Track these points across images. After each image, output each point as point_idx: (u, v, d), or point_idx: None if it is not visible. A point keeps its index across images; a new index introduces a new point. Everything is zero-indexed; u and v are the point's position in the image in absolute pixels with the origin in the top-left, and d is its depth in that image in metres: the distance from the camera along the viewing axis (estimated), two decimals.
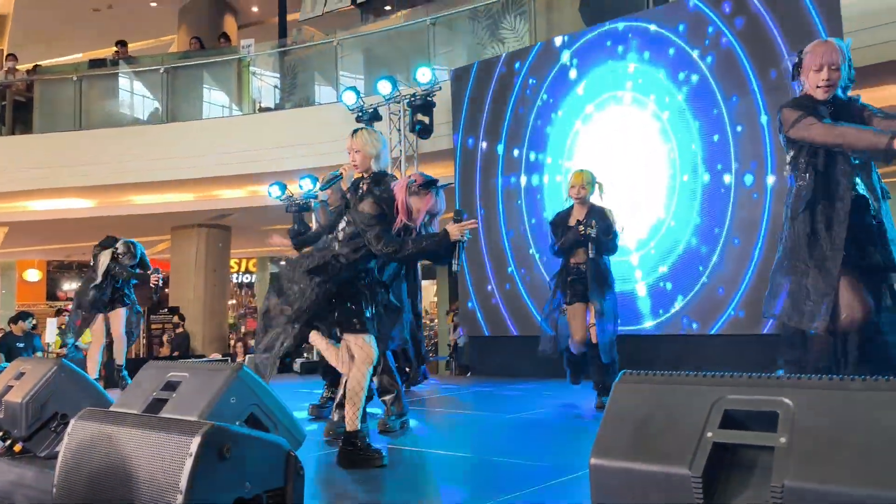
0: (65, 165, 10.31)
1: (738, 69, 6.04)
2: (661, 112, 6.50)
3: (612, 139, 6.80)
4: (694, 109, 6.28)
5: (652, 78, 6.57)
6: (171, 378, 2.62)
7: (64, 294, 18.86)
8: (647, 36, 6.62)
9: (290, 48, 11.35)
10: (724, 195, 6.02)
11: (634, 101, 6.70)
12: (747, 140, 5.94)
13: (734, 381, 1.48)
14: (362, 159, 3.70)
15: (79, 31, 14.49)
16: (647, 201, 6.52)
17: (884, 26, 6.03)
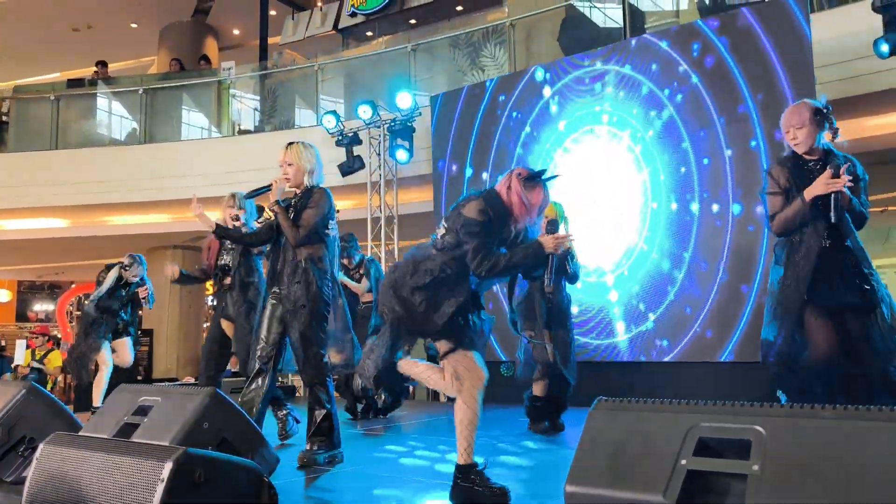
0: (39, 184, 10.20)
1: (704, 107, 6.16)
2: (634, 145, 6.58)
3: (589, 169, 6.85)
4: (664, 143, 6.37)
5: (626, 114, 6.67)
6: (143, 402, 2.58)
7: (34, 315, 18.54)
8: (623, 76, 6.71)
9: (270, 71, 11.39)
10: (690, 222, 6.09)
11: (610, 135, 6.78)
12: (712, 172, 6.03)
13: (708, 409, 1.50)
14: (295, 172, 3.65)
15: (58, 51, 14.43)
16: (622, 227, 6.58)
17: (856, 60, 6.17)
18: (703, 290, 5.95)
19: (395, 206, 8.91)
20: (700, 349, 5.93)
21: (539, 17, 8.73)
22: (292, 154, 3.67)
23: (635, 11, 7.98)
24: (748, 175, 5.84)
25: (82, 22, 13.96)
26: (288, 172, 3.66)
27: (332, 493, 3.16)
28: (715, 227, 5.99)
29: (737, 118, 5.96)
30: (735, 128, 5.97)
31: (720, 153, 6.04)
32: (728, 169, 6.00)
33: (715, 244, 5.94)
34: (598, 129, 6.83)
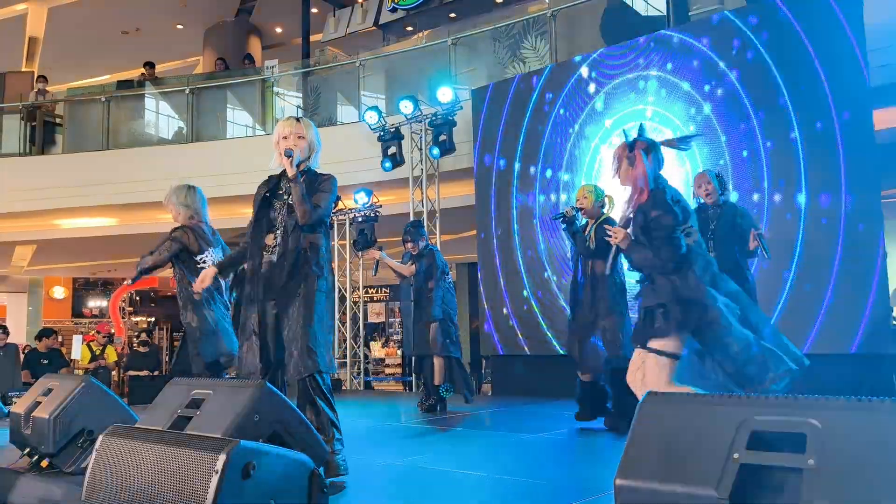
0: (91, 184, 10.49)
1: (742, 101, 6.06)
2: (686, 126, 6.50)
3: None
4: (704, 137, 6.29)
5: (669, 111, 6.59)
6: (196, 395, 2.64)
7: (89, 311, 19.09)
8: (671, 46, 6.63)
9: (313, 69, 11.50)
10: (756, 215, 5.98)
11: (654, 131, 6.70)
12: (751, 164, 5.93)
13: (761, 402, 1.47)
14: (306, 148, 3.15)
15: (107, 54, 14.79)
16: None
17: None
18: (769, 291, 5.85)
19: (437, 201, 8.93)
20: None
21: (580, 7, 8.63)
22: (305, 127, 3.18)
23: None
24: (788, 166, 5.79)
25: (130, 25, 14.28)
26: (299, 146, 3.13)
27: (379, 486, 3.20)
28: (785, 220, 5.94)
29: (776, 110, 5.90)
30: (774, 120, 5.91)
31: (758, 146, 5.98)
32: (765, 161, 5.94)
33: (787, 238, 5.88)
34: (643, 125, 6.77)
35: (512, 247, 7.66)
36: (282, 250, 3.05)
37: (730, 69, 6.21)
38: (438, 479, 3.27)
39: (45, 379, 3.60)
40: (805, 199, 5.73)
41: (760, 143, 6.00)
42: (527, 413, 5.81)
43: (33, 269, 15.07)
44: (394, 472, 3.45)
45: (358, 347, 10.03)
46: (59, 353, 9.50)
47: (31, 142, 11.47)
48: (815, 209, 5.68)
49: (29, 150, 11.45)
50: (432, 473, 3.39)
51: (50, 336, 9.40)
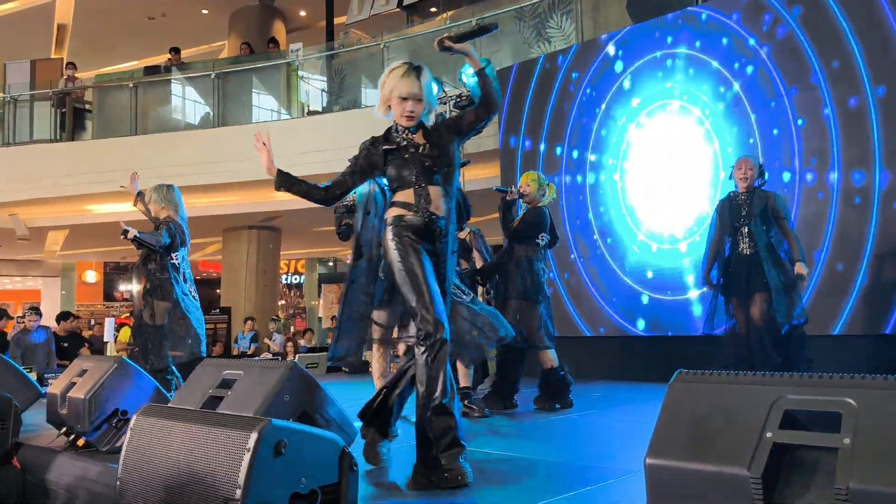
0: (121, 170, 10.58)
1: (772, 79, 5.94)
2: (705, 118, 6.42)
3: (663, 143, 6.71)
4: (734, 116, 6.19)
5: (697, 89, 6.48)
6: (227, 376, 2.68)
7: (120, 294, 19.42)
8: (699, 23, 6.52)
9: (337, 51, 11.49)
10: (786, 194, 5.89)
11: (682, 109, 6.61)
12: (809, 135, 5.80)
13: (794, 381, 1.45)
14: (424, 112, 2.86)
15: (134, 40, 14.91)
16: (693, 196, 6.43)
17: None
18: None
19: (462, 183, 8.90)
20: None
21: None
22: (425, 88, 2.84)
23: None
24: (820, 144, 5.69)
25: (156, 10, 14.37)
26: (414, 112, 2.82)
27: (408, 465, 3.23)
28: (783, 194, 5.85)
29: (808, 87, 5.77)
30: (805, 97, 5.78)
31: (789, 123, 5.87)
32: (796, 139, 5.83)
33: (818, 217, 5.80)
34: (671, 104, 6.70)
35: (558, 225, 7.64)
36: (434, 206, 2.74)
37: (760, 46, 6.09)
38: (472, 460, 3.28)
39: (79, 360, 3.68)
40: (837, 178, 5.62)
41: (791, 121, 5.89)
42: None
43: (66, 254, 15.35)
44: None
45: None
46: (77, 336, 9.65)
47: (61, 128, 11.64)
48: (848, 187, 5.57)
49: (59, 136, 11.62)
50: None
51: (68, 319, 9.52)
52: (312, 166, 9.85)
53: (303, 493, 1.78)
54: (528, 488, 2.65)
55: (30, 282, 18.89)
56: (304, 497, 1.78)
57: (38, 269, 17.86)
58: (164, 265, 4.64)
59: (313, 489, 1.80)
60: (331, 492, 1.84)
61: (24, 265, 17.69)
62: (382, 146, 2.90)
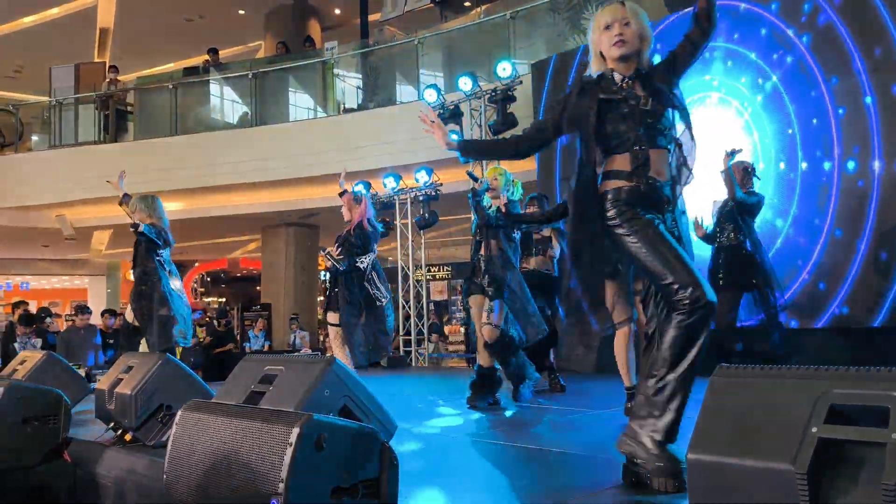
0: (162, 169, 10.83)
1: (811, 69, 5.81)
2: (744, 110, 6.30)
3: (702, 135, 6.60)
4: (773, 107, 6.07)
5: (735, 81, 6.37)
6: (268, 371, 2.72)
7: None
8: (737, 15, 6.40)
9: (371, 48, 11.55)
10: (826, 183, 5.76)
11: (721, 101, 6.50)
12: (850, 123, 5.66)
13: (839, 375, 1.42)
14: (635, 39, 2.43)
15: (173, 41, 15.17)
16: None
17: None
18: (811, 243, 5.80)
19: None
20: (811, 299, 5.79)
21: None
22: (631, 11, 2.43)
23: None
24: (861, 132, 5.58)
25: (194, 12, 14.59)
26: (624, 35, 2.39)
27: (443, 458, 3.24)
28: (821, 183, 5.77)
29: (849, 76, 5.64)
30: (846, 86, 5.65)
31: (826, 113, 5.76)
32: (836, 128, 5.72)
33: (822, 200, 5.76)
34: (709, 96, 6.60)
35: None
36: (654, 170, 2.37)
37: (799, 36, 5.96)
38: (507, 454, 3.29)
39: (125, 357, 3.77)
40: (880, 166, 5.48)
41: (831, 111, 5.76)
42: (587, 388, 5.78)
43: (111, 253, 15.71)
44: (449, 446, 3.49)
45: (422, 325, 10.12)
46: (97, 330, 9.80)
47: (104, 130, 11.90)
48: (890, 176, 5.42)
49: (103, 138, 11.89)
50: (502, 449, 3.42)
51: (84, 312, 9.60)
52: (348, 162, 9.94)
53: (344, 487, 1.80)
54: (564, 483, 2.64)
55: (77, 280, 19.40)
56: (345, 491, 1.80)
57: (84, 268, 18.31)
58: (153, 263, 5.18)
59: (354, 483, 1.82)
60: (371, 486, 1.86)
61: (71, 264, 18.16)
62: (598, 95, 2.40)
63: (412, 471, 2.86)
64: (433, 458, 3.19)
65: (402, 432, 3.22)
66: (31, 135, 12.99)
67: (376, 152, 9.74)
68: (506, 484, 2.72)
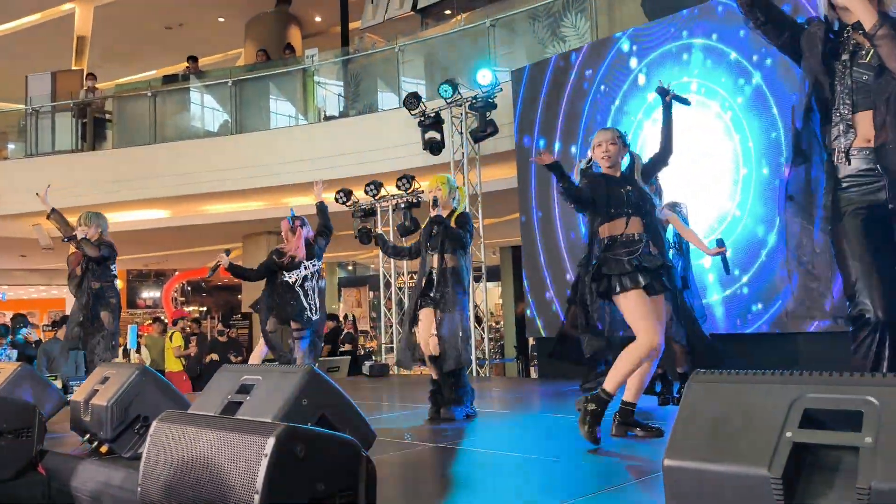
0: (141, 178, 10.74)
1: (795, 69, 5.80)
2: (724, 112, 6.33)
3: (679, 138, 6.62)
4: (754, 109, 6.10)
5: (715, 82, 6.41)
6: (245, 381, 2.69)
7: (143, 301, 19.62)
8: (716, 17, 6.45)
9: (352, 56, 11.54)
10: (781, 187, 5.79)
11: (699, 103, 6.53)
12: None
13: (814, 380, 1.43)
14: None
15: (152, 49, 15.08)
16: (713, 194, 6.37)
17: None
18: None
19: (479, 184, 8.90)
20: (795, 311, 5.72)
21: None
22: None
23: None
24: None
25: (173, 20, 14.52)
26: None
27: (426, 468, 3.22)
28: None
29: None
30: None
31: None
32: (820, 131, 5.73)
33: None
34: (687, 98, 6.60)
35: (554, 229, 7.60)
36: None
37: None
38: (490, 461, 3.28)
39: (101, 367, 3.72)
40: None
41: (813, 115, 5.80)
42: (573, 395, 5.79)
43: None
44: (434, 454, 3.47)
45: None
46: None
47: (82, 138, 11.79)
48: None
49: (80, 146, 11.77)
50: (484, 457, 3.41)
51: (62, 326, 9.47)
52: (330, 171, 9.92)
53: (321, 498, 1.78)
54: (547, 489, 2.64)
55: (54, 290, 19.17)
56: (321, 501, 1.78)
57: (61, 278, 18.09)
58: (107, 277, 5.55)
59: (332, 494, 1.80)
60: (349, 496, 1.84)
61: (48, 274, 17.95)
62: None
63: (390, 480, 2.84)
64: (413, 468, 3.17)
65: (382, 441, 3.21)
66: (8, 143, 12.84)
67: (357, 160, 9.73)
68: (486, 491, 2.71)
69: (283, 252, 5.66)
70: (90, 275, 5.49)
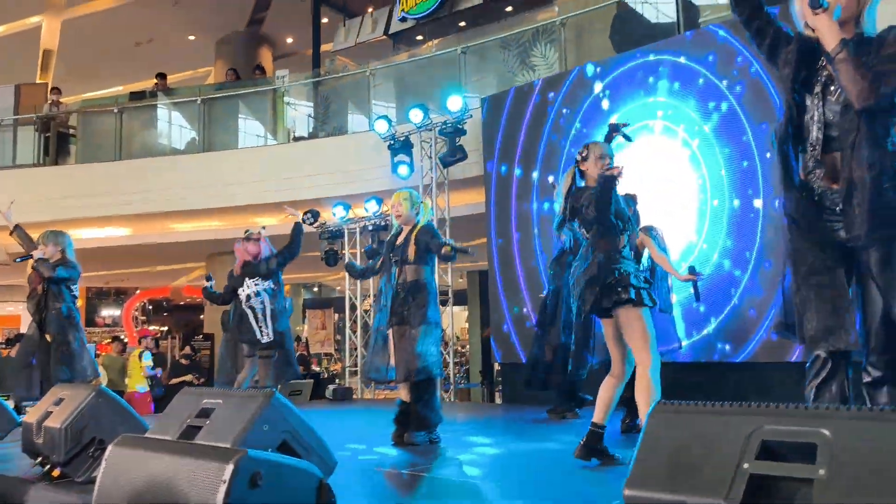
0: (105, 194, 10.57)
1: (766, 97, 5.99)
2: (691, 139, 6.45)
3: (644, 167, 6.74)
4: (724, 137, 6.23)
5: (682, 106, 6.54)
6: (206, 405, 2.65)
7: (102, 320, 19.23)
8: (677, 67, 6.60)
9: (323, 78, 11.56)
10: (754, 220, 5.93)
11: (665, 129, 6.67)
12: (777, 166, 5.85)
13: (771, 412, 1.46)
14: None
15: (120, 65, 14.95)
16: (679, 225, 6.46)
17: None
18: (769, 291, 5.75)
19: (447, 209, 8.93)
20: (741, 323, 5.84)
21: (590, 15, 8.63)
22: None
23: (689, 5, 7.82)
24: None
25: (143, 36, 14.43)
26: None
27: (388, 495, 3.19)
28: (781, 224, 5.85)
29: (774, 122, 5.83)
30: None
31: (755, 157, 5.93)
32: (762, 170, 5.89)
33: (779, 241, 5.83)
34: (653, 123, 6.73)
35: (531, 252, 7.66)
36: None
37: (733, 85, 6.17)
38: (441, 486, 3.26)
39: (57, 388, 3.62)
40: None
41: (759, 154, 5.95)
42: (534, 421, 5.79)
43: None
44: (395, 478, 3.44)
45: None
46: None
47: (44, 153, 11.58)
48: None
49: (43, 160, 11.56)
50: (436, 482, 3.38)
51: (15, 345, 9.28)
52: (298, 191, 9.88)
53: None
54: None
55: (10, 307, 18.67)
56: None
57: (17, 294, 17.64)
58: (66, 297, 5.44)
59: None
60: None
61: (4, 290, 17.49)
62: None
63: None
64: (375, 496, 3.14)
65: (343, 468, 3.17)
66: None
67: (326, 181, 9.71)
68: None
69: None
70: (50, 294, 5.40)
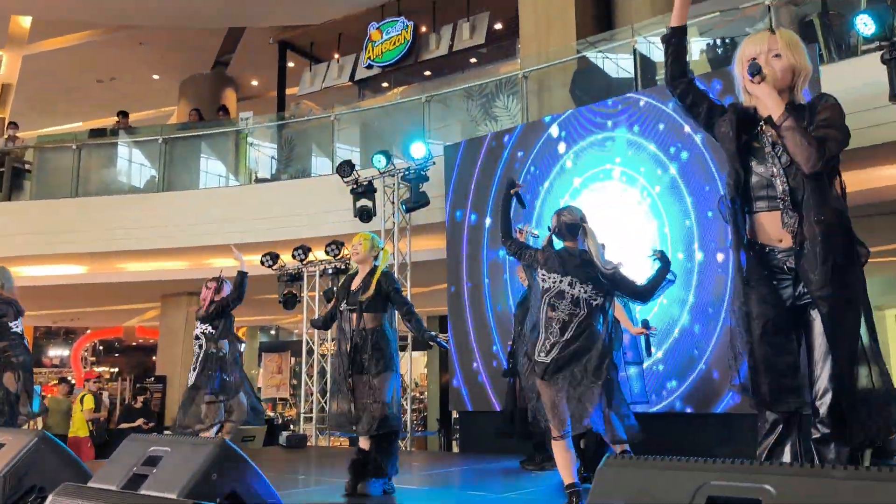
0: (58, 231, 10.36)
1: (707, 164, 6.24)
2: (643, 199, 6.65)
3: (600, 213, 6.89)
4: (671, 198, 6.43)
5: (635, 171, 6.75)
6: (153, 452, 2.58)
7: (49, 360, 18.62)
8: (638, 109, 6.82)
9: (288, 121, 11.60)
10: (722, 273, 6.06)
11: (621, 190, 6.84)
12: (716, 224, 6.04)
13: (717, 467, 1.48)
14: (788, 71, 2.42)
15: (81, 101, 14.83)
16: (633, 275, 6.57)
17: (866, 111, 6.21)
18: (708, 332, 6.00)
19: (409, 253, 8.96)
20: (706, 387, 5.95)
21: (551, 68, 8.87)
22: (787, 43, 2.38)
23: (647, 62, 8.10)
24: None
25: (106, 74, 14.36)
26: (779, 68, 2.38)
27: None
28: (717, 275, 6.05)
29: None
30: None
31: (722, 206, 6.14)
32: None
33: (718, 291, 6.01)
34: (610, 184, 6.93)
35: (483, 301, 7.68)
36: None
37: (695, 132, 6.38)
38: None
39: None
40: None
41: None
42: (495, 471, 5.75)
43: None
44: None
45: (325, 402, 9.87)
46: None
47: None
48: None
49: None
50: None
51: None
52: (258, 233, 9.82)
53: None
54: None
55: None
56: None
57: None
58: (13, 336, 5.32)
59: None
60: None
61: None
62: None
63: None
64: None
65: None
66: None
67: (286, 223, 9.67)
68: None
69: None
70: None
